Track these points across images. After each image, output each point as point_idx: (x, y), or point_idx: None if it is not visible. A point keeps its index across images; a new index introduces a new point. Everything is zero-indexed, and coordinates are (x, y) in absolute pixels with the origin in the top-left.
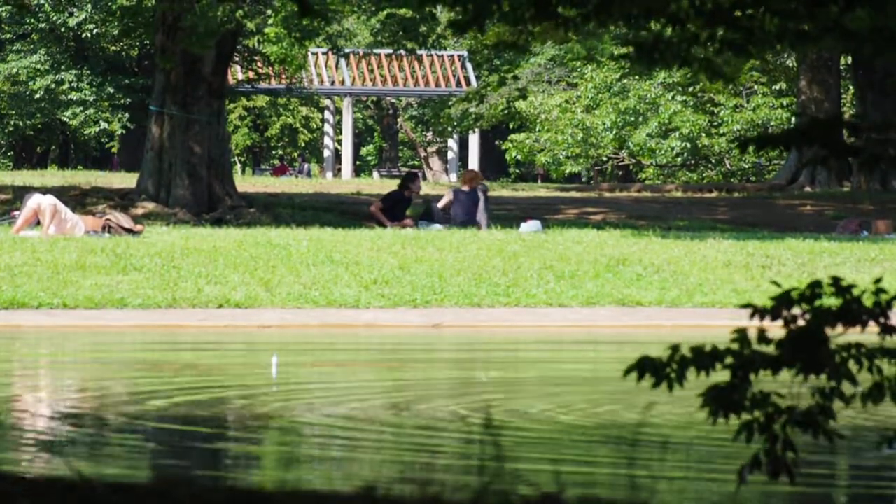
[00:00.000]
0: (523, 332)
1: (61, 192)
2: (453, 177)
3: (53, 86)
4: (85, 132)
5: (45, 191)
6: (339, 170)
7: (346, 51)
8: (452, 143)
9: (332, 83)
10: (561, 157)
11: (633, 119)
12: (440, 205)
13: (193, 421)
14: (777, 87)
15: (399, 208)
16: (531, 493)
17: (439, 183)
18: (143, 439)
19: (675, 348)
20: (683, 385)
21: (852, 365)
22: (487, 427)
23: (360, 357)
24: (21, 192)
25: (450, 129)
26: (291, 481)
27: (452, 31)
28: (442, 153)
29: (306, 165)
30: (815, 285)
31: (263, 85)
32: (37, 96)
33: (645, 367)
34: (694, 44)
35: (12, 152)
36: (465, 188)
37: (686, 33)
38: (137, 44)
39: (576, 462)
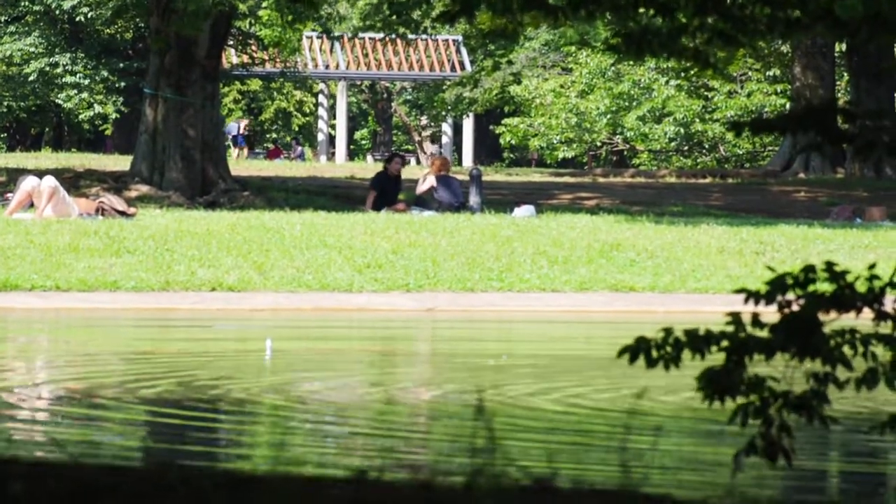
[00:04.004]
0: (516, 317)
1: (55, 175)
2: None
3: (48, 68)
4: (79, 115)
5: (39, 173)
6: (333, 153)
7: (340, 34)
8: (447, 127)
9: (327, 67)
10: (555, 141)
11: (626, 104)
12: (418, 191)
13: (183, 404)
14: (771, 74)
15: (389, 190)
16: (523, 478)
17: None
18: (136, 422)
19: (668, 331)
20: (679, 366)
21: (847, 350)
22: (478, 411)
23: (352, 340)
24: (15, 175)
25: (444, 113)
26: (283, 464)
27: (441, 21)
28: (436, 137)
29: (300, 149)
30: (809, 270)
31: (258, 69)
32: (31, 79)
33: (640, 348)
34: (683, 33)
35: (6, 134)
36: (442, 173)
37: (675, 23)
38: (132, 27)
39: (567, 446)
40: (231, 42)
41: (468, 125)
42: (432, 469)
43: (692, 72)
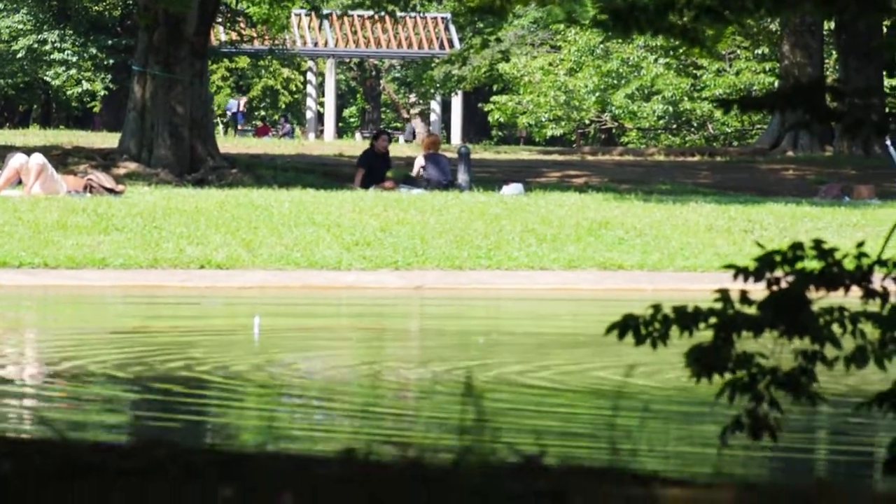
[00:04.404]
0: (504, 295)
1: (43, 152)
2: None
3: (36, 45)
4: (67, 92)
5: (27, 150)
6: (322, 131)
7: (328, 12)
8: (435, 105)
9: (315, 44)
10: (543, 119)
11: (615, 82)
12: (413, 173)
13: (170, 382)
14: (760, 52)
15: (377, 167)
16: (512, 456)
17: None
18: (122, 400)
19: (656, 307)
20: (667, 344)
21: (835, 328)
22: (467, 390)
23: (341, 317)
24: (2, 152)
25: (432, 91)
26: (271, 442)
27: None
28: (424, 115)
29: (288, 126)
30: (797, 247)
31: (246, 46)
32: (19, 56)
33: (628, 325)
34: (671, 10)
35: None
36: (432, 151)
37: None
38: (120, 3)
39: (555, 424)
40: (219, 19)
41: (457, 103)
42: (420, 447)
43: (681, 50)
